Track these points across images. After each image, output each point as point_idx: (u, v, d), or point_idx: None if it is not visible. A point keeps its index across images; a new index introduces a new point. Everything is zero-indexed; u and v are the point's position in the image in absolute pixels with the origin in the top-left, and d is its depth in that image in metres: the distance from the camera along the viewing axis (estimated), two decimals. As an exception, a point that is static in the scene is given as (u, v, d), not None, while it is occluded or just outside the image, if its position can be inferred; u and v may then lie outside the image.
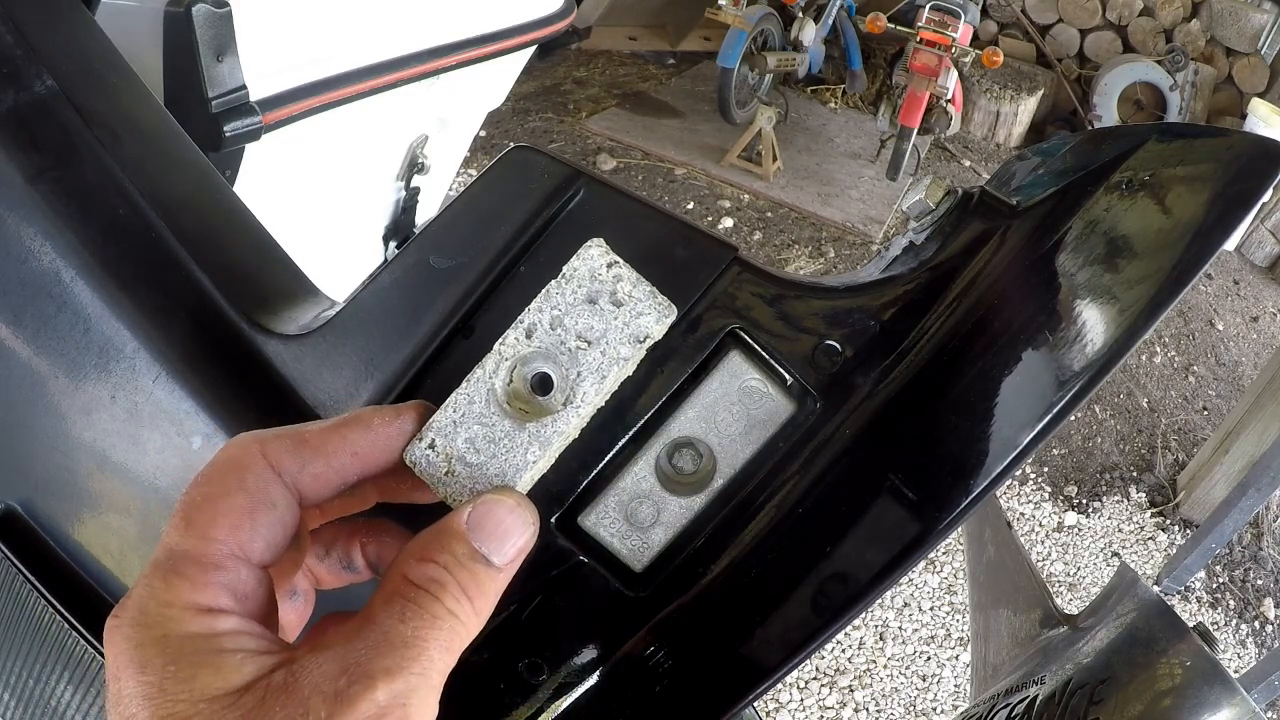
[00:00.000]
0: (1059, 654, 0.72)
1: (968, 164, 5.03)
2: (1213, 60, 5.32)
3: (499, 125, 4.36)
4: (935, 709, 2.30)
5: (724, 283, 0.43)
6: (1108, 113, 5.21)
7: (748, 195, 4.29)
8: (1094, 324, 0.37)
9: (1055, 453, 3.17)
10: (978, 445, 0.37)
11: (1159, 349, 3.86)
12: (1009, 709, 0.71)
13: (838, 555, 0.38)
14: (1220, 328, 4.14)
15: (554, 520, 0.42)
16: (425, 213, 1.67)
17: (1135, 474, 3.17)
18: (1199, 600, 2.78)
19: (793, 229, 4.12)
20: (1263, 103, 4.85)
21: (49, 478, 0.49)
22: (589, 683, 0.42)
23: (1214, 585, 2.83)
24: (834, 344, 0.41)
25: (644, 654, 0.41)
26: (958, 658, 2.41)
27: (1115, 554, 2.85)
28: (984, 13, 5.48)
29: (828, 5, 4.83)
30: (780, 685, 2.17)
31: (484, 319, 0.43)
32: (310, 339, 0.47)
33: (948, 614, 2.51)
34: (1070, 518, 2.95)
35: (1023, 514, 2.93)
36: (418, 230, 0.76)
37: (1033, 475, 3.06)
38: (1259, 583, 2.87)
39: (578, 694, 0.42)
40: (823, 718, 2.21)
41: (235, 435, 0.34)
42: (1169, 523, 3.01)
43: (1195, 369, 3.81)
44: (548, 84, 4.92)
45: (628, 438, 0.42)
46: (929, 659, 2.40)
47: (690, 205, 4.11)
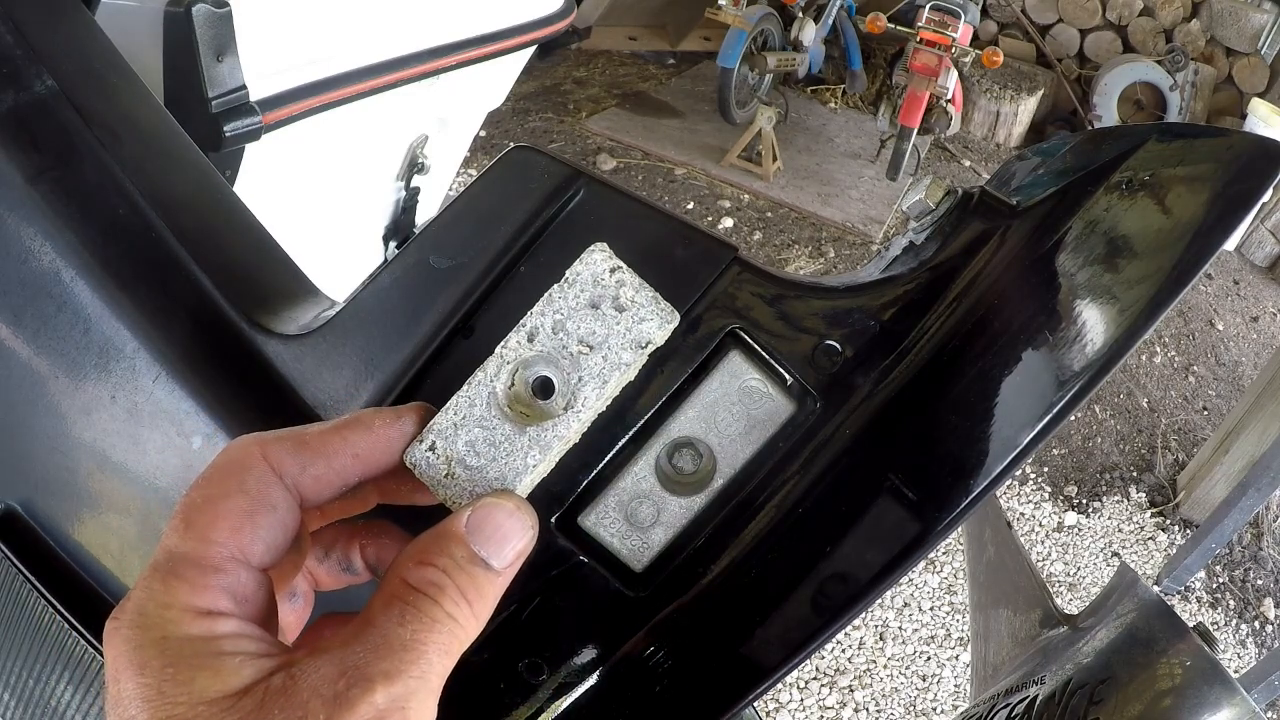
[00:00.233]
0: (1059, 654, 0.71)
1: (968, 164, 5.03)
2: (1213, 60, 5.32)
3: (499, 125, 4.36)
4: (935, 709, 2.29)
5: (724, 283, 0.43)
6: (1108, 113, 5.21)
7: (748, 195, 4.29)
8: (1094, 324, 0.37)
9: (1055, 453, 3.17)
10: (978, 445, 0.37)
11: (1159, 349, 3.86)
12: (1009, 709, 0.71)
13: (838, 555, 0.38)
14: (1220, 328, 4.14)
15: (554, 520, 0.42)
16: (425, 213, 1.67)
17: (1135, 474, 3.17)
18: (1199, 600, 2.78)
19: (793, 229, 4.12)
20: (1263, 103, 4.85)
21: (49, 478, 0.49)
22: (589, 683, 0.42)
23: (1214, 585, 2.83)
24: (834, 344, 0.41)
25: (644, 654, 0.41)
26: (958, 658, 2.41)
27: (1115, 554, 2.85)
28: (984, 13, 5.48)
29: (828, 5, 4.83)
30: (780, 685, 2.17)
31: (484, 319, 0.43)
32: (310, 339, 0.47)
33: (948, 614, 2.51)
34: (1070, 518, 2.95)
35: (1023, 514, 2.93)
36: (418, 230, 0.76)
37: (1033, 475, 3.06)
38: (1259, 583, 2.87)
39: (578, 694, 0.42)
40: (823, 718, 2.21)
41: (235, 435, 0.34)
42: (1169, 523, 3.01)
43: (1195, 369, 3.81)
44: (548, 84, 4.92)
45: (628, 438, 0.42)
46: (929, 659, 2.40)
47: (690, 205, 4.11)
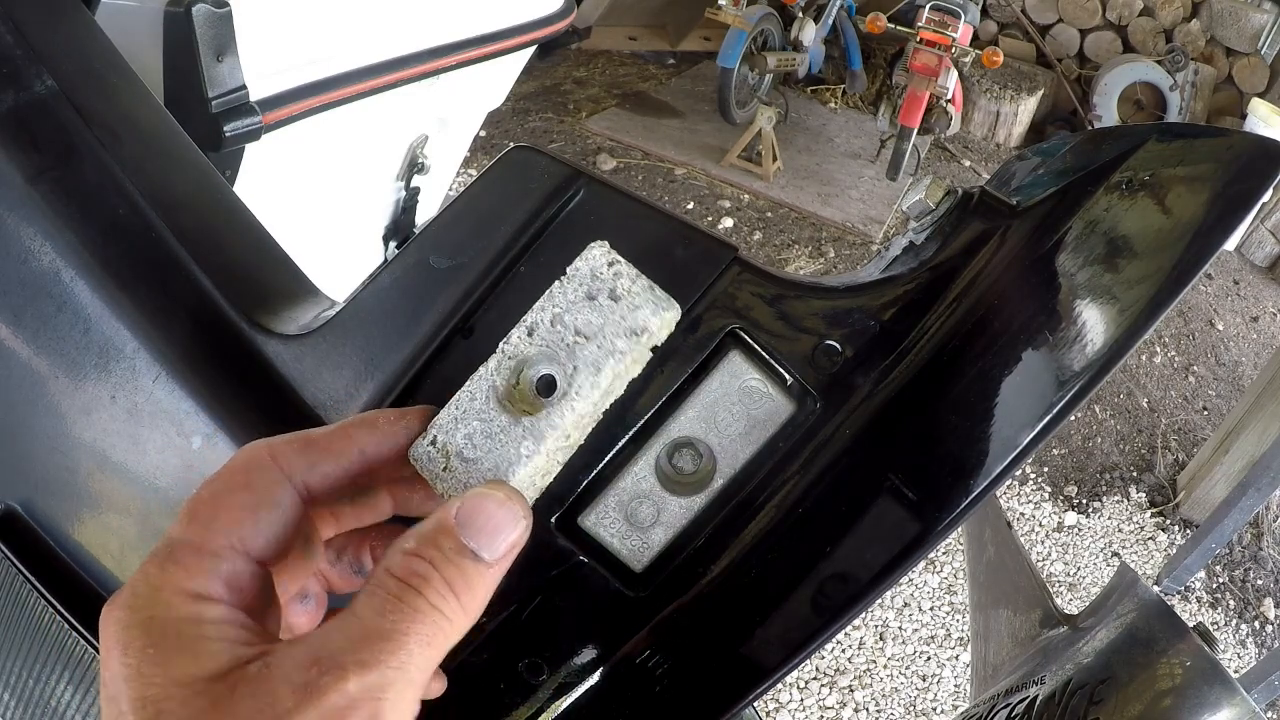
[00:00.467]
0: (1059, 654, 0.71)
1: (968, 164, 5.03)
2: (1213, 60, 5.32)
3: (499, 125, 4.36)
4: (935, 709, 2.29)
5: (724, 283, 0.43)
6: (1108, 113, 5.21)
7: (748, 195, 4.29)
8: (1094, 324, 0.37)
9: (1055, 453, 3.17)
10: (978, 445, 0.37)
11: (1159, 349, 3.86)
12: (1009, 709, 0.71)
13: (838, 555, 0.38)
14: (1220, 328, 4.14)
15: (554, 520, 0.42)
16: (425, 213, 1.67)
17: (1135, 474, 3.17)
18: (1199, 600, 2.78)
19: (793, 229, 4.12)
20: (1263, 103, 4.85)
21: (49, 478, 0.49)
22: (589, 683, 0.42)
23: (1214, 585, 2.83)
24: (834, 344, 0.41)
25: (644, 654, 0.41)
26: (958, 658, 2.41)
27: (1115, 554, 2.84)
28: (984, 13, 5.48)
29: (828, 5, 4.82)
30: (780, 685, 2.17)
31: (484, 319, 0.43)
32: (310, 339, 0.47)
33: (948, 614, 2.51)
34: (1070, 518, 2.95)
35: (1023, 514, 2.93)
36: (418, 230, 0.76)
37: (1033, 475, 3.06)
38: (1259, 583, 2.87)
39: (578, 694, 0.42)
40: (823, 718, 2.21)
41: (235, 435, 0.34)
42: (1169, 523, 3.01)
43: (1195, 369, 3.81)
44: (548, 84, 4.92)
45: (628, 438, 0.42)
46: (929, 659, 2.40)
47: (690, 205, 4.11)
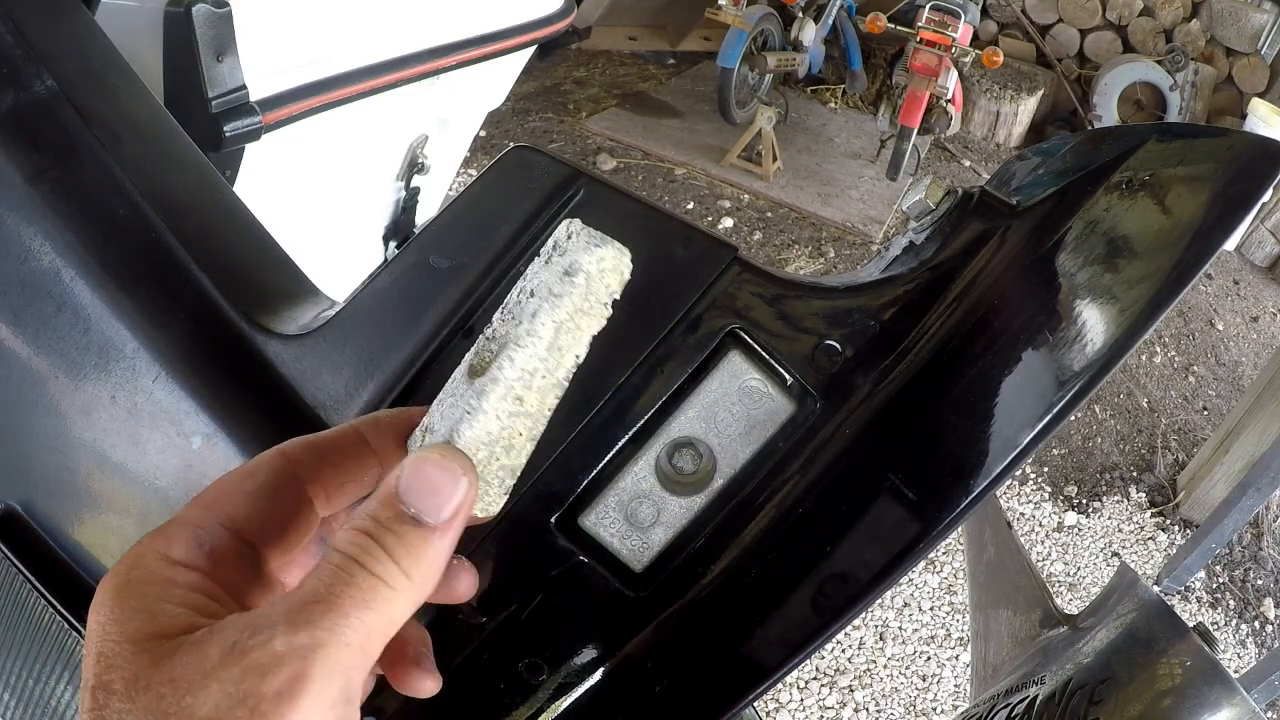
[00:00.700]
0: (1059, 654, 0.71)
1: (968, 164, 5.03)
2: (1213, 60, 5.32)
3: (499, 125, 4.36)
4: (935, 709, 2.29)
5: (724, 283, 0.43)
6: (1108, 113, 5.21)
7: (748, 195, 4.29)
8: (1094, 324, 0.37)
9: (1055, 453, 3.17)
10: (978, 445, 0.37)
11: (1159, 349, 3.86)
12: (1009, 709, 0.71)
13: (838, 555, 0.38)
14: (1220, 328, 4.14)
15: (554, 520, 0.42)
16: (425, 213, 1.67)
17: (1135, 474, 3.17)
18: (1199, 600, 2.78)
19: (793, 229, 4.11)
20: (1263, 103, 4.85)
21: (49, 478, 0.49)
22: (589, 683, 0.42)
23: (1214, 585, 2.83)
24: (834, 344, 0.41)
25: (644, 654, 0.41)
26: (958, 658, 2.41)
27: (1115, 554, 2.84)
28: (984, 13, 5.47)
29: (828, 5, 4.82)
30: (780, 685, 2.17)
31: (484, 319, 0.43)
32: (310, 339, 0.47)
33: (948, 614, 2.51)
34: (1070, 518, 2.95)
35: (1023, 514, 2.93)
36: (418, 230, 0.76)
37: (1033, 475, 3.06)
38: (1259, 583, 2.87)
39: (578, 694, 0.42)
40: (823, 718, 2.21)
41: (235, 435, 0.35)
42: (1169, 523, 3.01)
43: (1195, 369, 3.81)
44: (548, 84, 4.92)
45: (628, 438, 0.42)
46: (929, 659, 2.40)
47: (690, 205, 4.11)
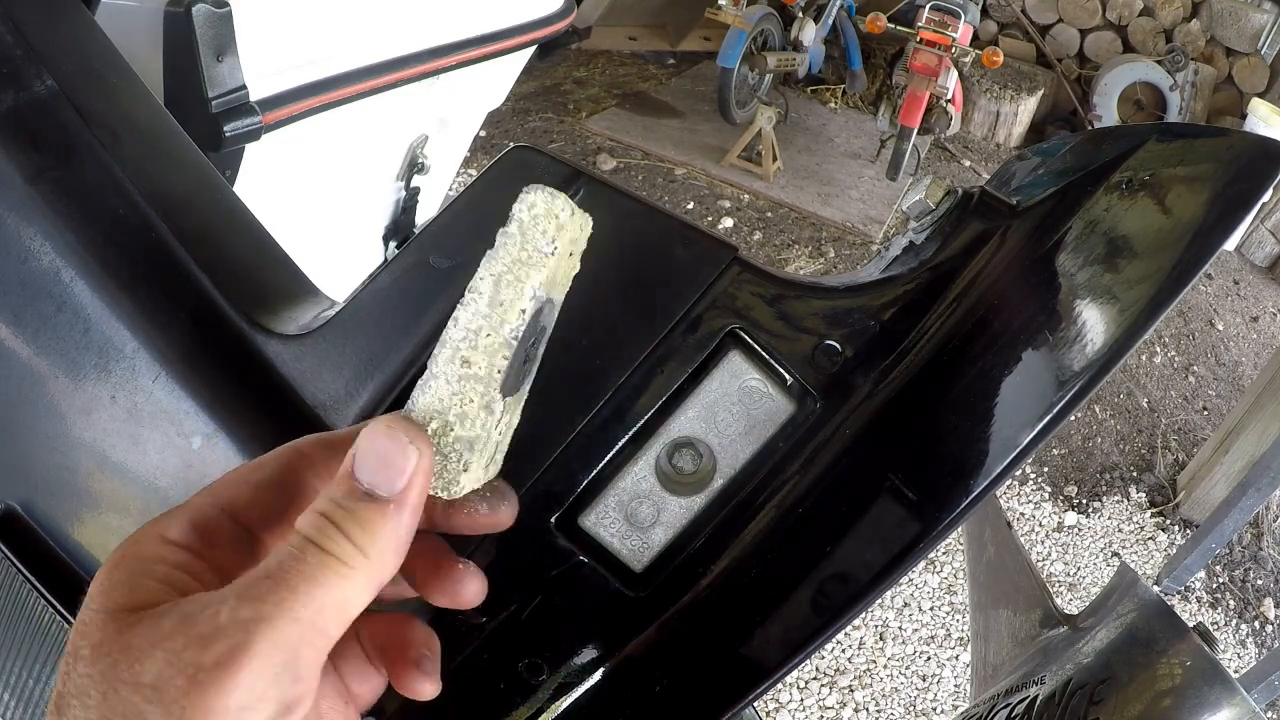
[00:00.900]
0: (1059, 654, 0.71)
1: (968, 164, 5.03)
2: (1213, 60, 5.32)
3: (499, 125, 4.36)
4: (935, 709, 2.29)
5: (724, 283, 0.43)
6: (1108, 113, 5.21)
7: (748, 195, 4.29)
8: (1094, 324, 0.37)
9: (1055, 453, 3.17)
10: (978, 445, 0.37)
11: (1159, 349, 3.86)
12: (1009, 709, 0.71)
13: (838, 555, 0.38)
14: (1220, 328, 4.14)
15: (554, 520, 0.42)
16: (425, 213, 1.67)
17: (1135, 474, 3.17)
18: (1199, 600, 2.78)
19: (793, 229, 4.11)
20: (1263, 103, 4.85)
21: (49, 478, 0.49)
22: (589, 683, 0.42)
23: (1214, 585, 2.83)
24: (834, 344, 0.41)
25: (644, 654, 0.41)
26: (958, 658, 2.41)
27: (1115, 554, 2.84)
28: (984, 13, 5.47)
29: (828, 5, 4.82)
30: (780, 685, 2.17)
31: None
32: (310, 339, 0.47)
33: (948, 614, 2.51)
34: (1070, 518, 2.95)
35: (1023, 514, 2.93)
36: (418, 230, 0.76)
37: (1033, 475, 3.06)
38: (1259, 583, 2.87)
39: (578, 694, 0.42)
40: (823, 718, 2.21)
41: (235, 435, 0.35)
42: (1169, 523, 3.00)
43: (1195, 369, 3.81)
44: (548, 84, 4.92)
45: (628, 438, 0.42)
46: (929, 659, 2.40)
47: (690, 205, 4.11)
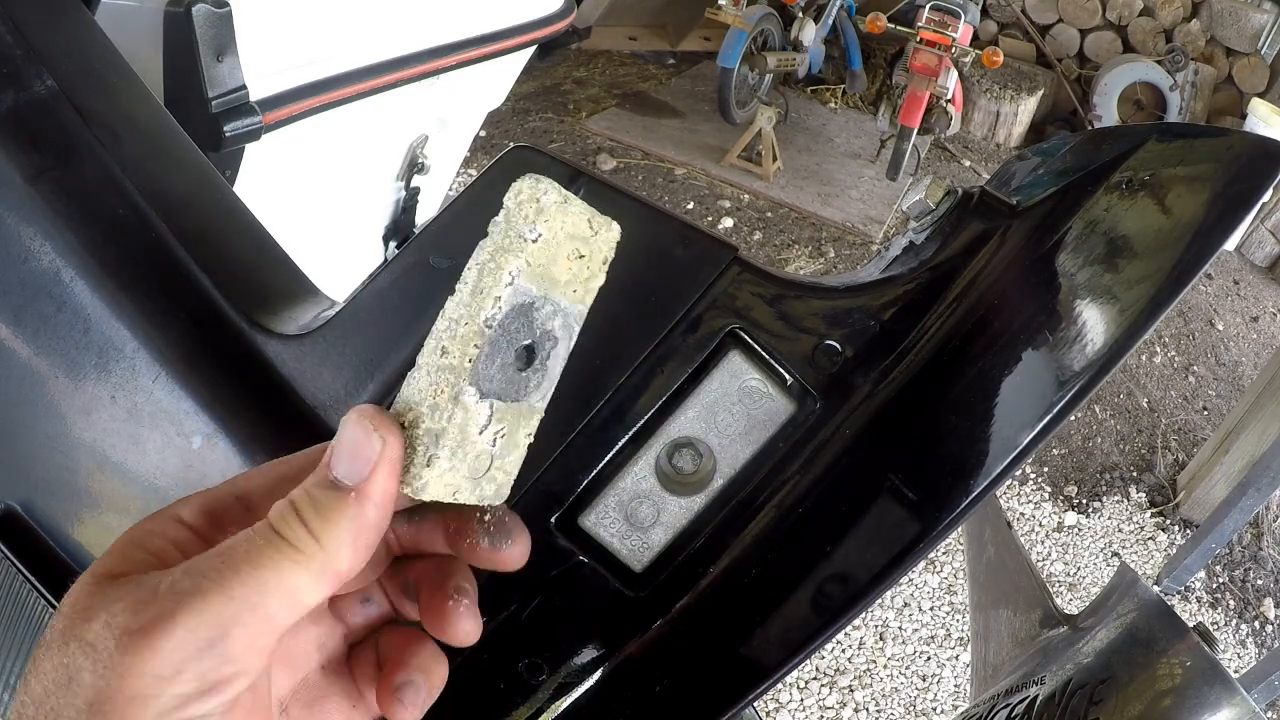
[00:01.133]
0: (1059, 654, 0.71)
1: (968, 164, 5.03)
2: (1213, 60, 5.32)
3: (499, 125, 4.36)
4: (935, 709, 2.29)
5: (724, 283, 0.43)
6: (1108, 113, 5.21)
7: (748, 195, 4.29)
8: (1094, 324, 0.37)
9: (1055, 453, 3.17)
10: (978, 445, 0.37)
11: (1159, 349, 3.86)
12: (1009, 709, 0.71)
13: (838, 555, 0.38)
14: (1220, 328, 4.14)
15: (554, 520, 0.42)
16: (425, 213, 1.67)
17: (1135, 474, 3.17)
18: (1199, 600, 2.78)
19: (793, 229, 4.11)
20: (1263, 103, 4.85)
21: (49, 478, 0.49)
22: (589, 683, 0.42)
23: (1214, 585, 2.83)
24: (834, 344, 0.41)
25: (644, 654, 0.41)
26: (958, 658, 2.41)
27: (1115, 554, 2.84)
28: (984, 13, 5.47)
29: (828, 5, 4.82)
30: (780, 685, 2.17)
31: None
32: (310, 339, 0.47)
33: (948, 614, 2.51)
34: (1070, 518, 2.95)
35: (1023, 514, 2.93)
36: (418, 230, 0.76)
37: (1033, 475, 3.06)
38: (1259, 583, 2.87)
39: (578, 694, 0.42)
40: (823, 718, 2.21)
41: (235, 435, 0.35)
42: (1169, 523, 3.00)
43: (1195, 369, 3.81)
44: (548, 84, 4.92)
45: (628, 438, 0.42)
46: (929, 659, 2.40)
47: (690, 205, 4.11)
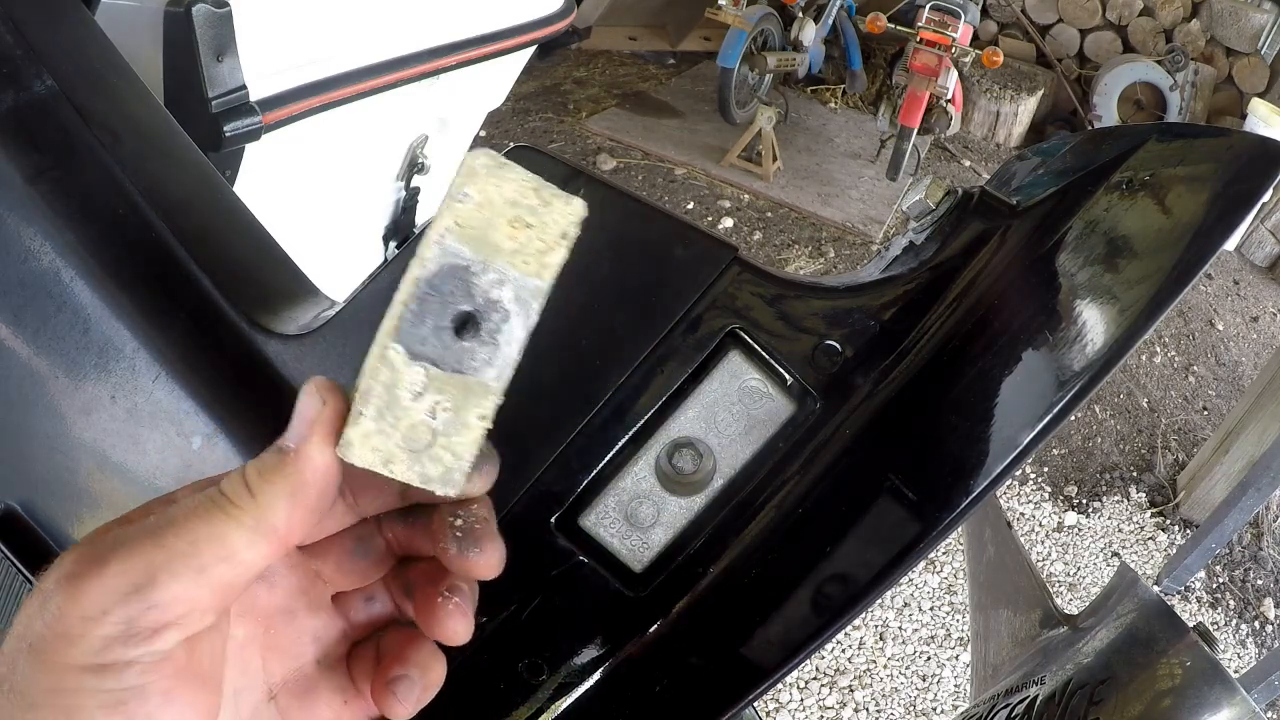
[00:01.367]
0: (1059, 654, 0.71)
1: (968, 164, 5.03)
2: (1213, 60, 5.32)
3: (499, 125, 4.36)
4: (935, 709, 2.29)
5: (724, 283, 0.43)
6: (1108, 113, 5.21)
7: (748, 195, 4.29)
8: (1094, 324, 0.37)
9: (1055, 453, 3.17)
10: (978, 445, 0.37)
11: (1159, 349, 3.86)
12: (1009, 709, 0.71)
13: (838, 555, 0.38)
14: (1220, 328, 4.14)
15: (554, 520, 0.42)
16: (425, 213, 1.67)
17: (1135, 474, 3.17)
18: (1199, 600, 2.78)
19: (793, 229, 4.11)
20: (1263, 103, 4.85)
21: (49, 478, 0.49)
22: (589, 683, 0.42)
23: (1214, 585, 2.83)
24: (834, 344, 0.41)
25: (644, 654, 0.41)
26: (958, 658, 2.41)
27: (1115, 554, 2.84)
28: (984, 13, 5.47)
29: (828, 5, 4.82)
30: (780, 685, 2.17)
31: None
32: (310, 339, 0.47)
33: (948, 614, 2.51)
34: (1070, 518, 2.95)
35: (1023, 514, 2.93)
36: (418, 230, 0.76)
37: (1033, 475, 3.06)
38: (1259, 583, 2.87)
39: (578, 694, 0.42)
40: (823, 718, 2.21)
41: (235, 435, 0.35)
42: (1169, 523, 3.00)
43: (1195, 369, 3.81)
44: (548, 84, 4.92)
45: (628, 438, 0.42)
46: (929, 659, 2.40)
47: (690, 205, 4.11)
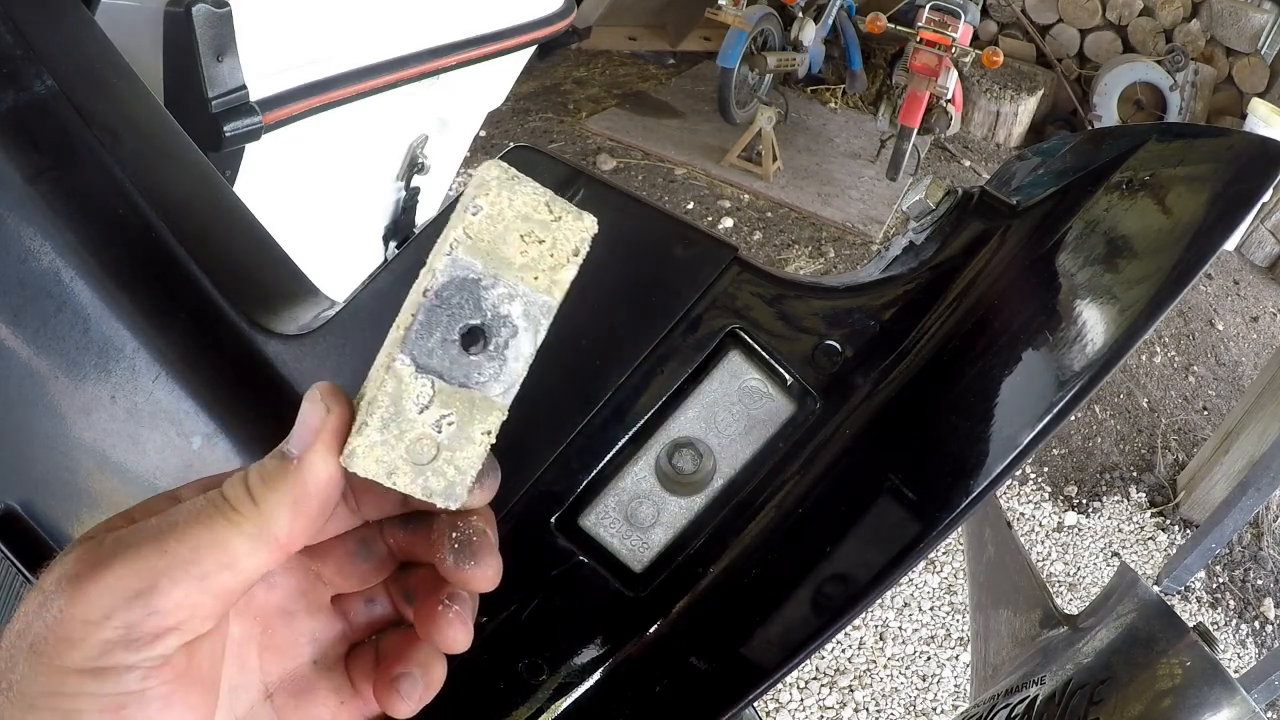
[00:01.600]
0: (1059, 654, 0.71)
1: (968, 164, 5.03)
2: (1213, 60, 5.32)
3: (499, 125, 4.36)
4: (935, 709, 2.29)
5: (724, 283, 0.43)
6: (1108, 113, 5.21)
7: (748, 195, 4.29)
8: (1094, 324, 0.37)
9: (1055, 453, 3.17)
10: (978, 445, 0.37)
11: (1159, 349, 3.86)
12: (1009, 709, 0.71)
13: (838, 555, 0.38)
14: (1220, 328, 4.14)
15: (554, 520, 0.42)
16: (425, 213, 1.67)
17: (1135, 474, 3.17)
18: (1199, 600, 2.78)
19: (793, 229, 4.11)
20: (1263, 103, 4.85)
21: (49, 478, 0.49)
22: (589, 683, 0.42)
23: (1214, 585, 2.83)
24: (834, 344, 0.41)
25: (644, 654, 0.41)
26: (958, 658, 2.41)
27: (1115, 554, 2.84)
28: (984, 13, 5.47)
29: (828, 5, 4.82)
30: (780, 685, 2.17)
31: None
32: (310, 339, 0.47)
33: (948, 614, 2.51)
34: (1070, 518, 2.95)
35: (1023, 514, 2.93)
36: (418, 230, 0.76)
37: (1033, 475, 3.06)
38: (1259, 583, 2.87)
39: (578, 694, 0.42)
40: (823, 718, 2.21)
41: (235, 435, 0.35)
42: (1169, 523, 3.00)
43: (1195, 369, 3.81)
44: (548, 84, 4.92)
45: (628, 438, 0.42)
46: (929, 659, 2.40)
47: (690, 205, 4.11)
